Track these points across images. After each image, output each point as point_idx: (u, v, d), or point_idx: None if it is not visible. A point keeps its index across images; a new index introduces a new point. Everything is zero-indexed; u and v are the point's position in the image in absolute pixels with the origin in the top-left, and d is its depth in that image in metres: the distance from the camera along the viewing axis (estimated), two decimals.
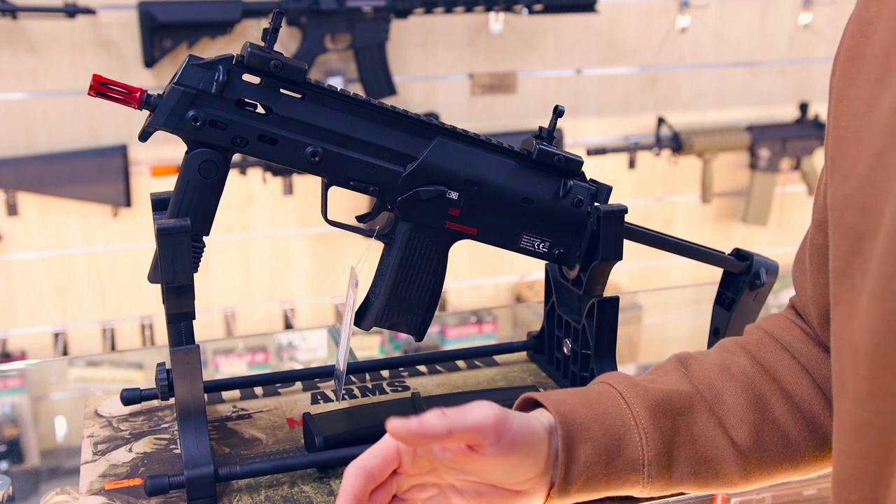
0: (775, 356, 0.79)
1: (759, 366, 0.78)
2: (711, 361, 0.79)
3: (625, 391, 0.74)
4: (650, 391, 0.74)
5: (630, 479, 0.72)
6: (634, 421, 0.72)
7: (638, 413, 0.72)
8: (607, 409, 0.72)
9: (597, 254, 0.92)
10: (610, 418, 0.72)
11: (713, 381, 0.77)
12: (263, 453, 0.90)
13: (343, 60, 2.34)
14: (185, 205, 0.82)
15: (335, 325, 1.47)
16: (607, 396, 0.74)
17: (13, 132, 2.21)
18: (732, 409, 0.75)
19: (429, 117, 0.88)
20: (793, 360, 0.79)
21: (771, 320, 0.85)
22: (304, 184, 2.40)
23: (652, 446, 0.72)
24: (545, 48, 2.53)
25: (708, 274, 1.12)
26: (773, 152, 2.67)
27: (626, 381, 0.75)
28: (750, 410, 0.75)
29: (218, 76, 0.80)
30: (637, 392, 0.74)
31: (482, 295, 2.71)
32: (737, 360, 0.79)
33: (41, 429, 1.48)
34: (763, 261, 1.04)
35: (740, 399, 0.75)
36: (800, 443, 0.76)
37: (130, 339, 2.44)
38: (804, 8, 2.67)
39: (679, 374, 0.78)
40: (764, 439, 0.75)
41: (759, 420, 0.75)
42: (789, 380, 0.77)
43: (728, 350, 0.81)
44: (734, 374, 0.77)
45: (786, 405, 0.76)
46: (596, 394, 0.74)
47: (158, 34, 2.13)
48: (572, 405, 0.71)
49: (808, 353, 0.79)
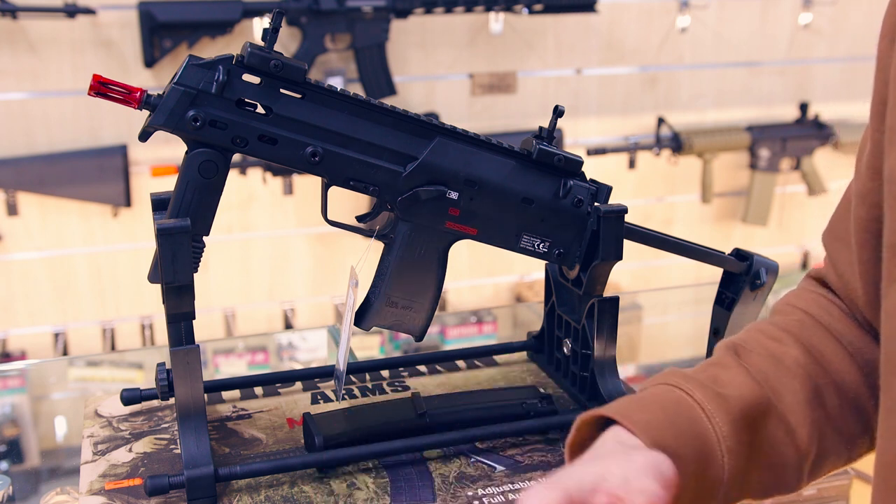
0: (823, 342, 0.75)
1: (811, 355, 0.74)
2: (764, 351, 0.75)
3: (703, 402, 0.69)
4: (731, 402, 0.69)
5: (705, 496, 0.68)
6: (717, 437, 0.67)
7: (721, 429, 0.68)
8: (692, 427, 0.68)
9: (597, 254, 0.92)
10: (696, 439, 0.67)
11: (769, 376, 0.72)
12: (263, 453, 0.90)
13: (343, 60, 2.34)
14: (185, 205, 0.82)
15: (335, 325, 1.47)
16: (686, 408, 0.69)
17: (13, 132, 2.21)
18: (793, 409, 0.71)
19: (429, 117, 0.88)
20: (838, 345, 0.75)
21: (803, 297, 0.80)
22: (304, 184, 2.40)
23: (733, 464, 0.68)
24: (545, 48, 2.53)
25: (708, 274, 1.12)
26: (773, 152, 2.67)
27: (702, 389, 0.70)
28: (809, 408, 0.71)
29: (218, 76, 0.80)
30: (716, 404, 0.69)
31: (482, 295, 2.71)
32: (787, 349, 0.74)
33: (41, 429, 1.48)
34: (763, 261, 1.03)
35: (800, 396, 0.71)
36: (853, 435, 0.73)
37: (130, 339, 2.44)
38: (804, 8, 2.67)
39: (742, 370, 0.73)
40: (822, 437, 0.72)
41: (821, 418, 0.71)
42: (839, 368, 0.73)
43: (771, 336, 0.76)
44: (789, 367, 0.73)
45: (838, 397, 0.73)
46: (674, 405, 0.69)
47: (158, 34, 2.13)
48: (660, 429, 0.67)
49: (850, 335, 0.75)
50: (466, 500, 0.84)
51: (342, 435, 0.88)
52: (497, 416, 0.93)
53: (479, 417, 0.93)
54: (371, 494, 0.84)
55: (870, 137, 0.68)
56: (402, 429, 0.90)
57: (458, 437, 0.90)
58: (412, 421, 0.91)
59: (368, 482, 0.86)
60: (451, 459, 0.90)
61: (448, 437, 0.90)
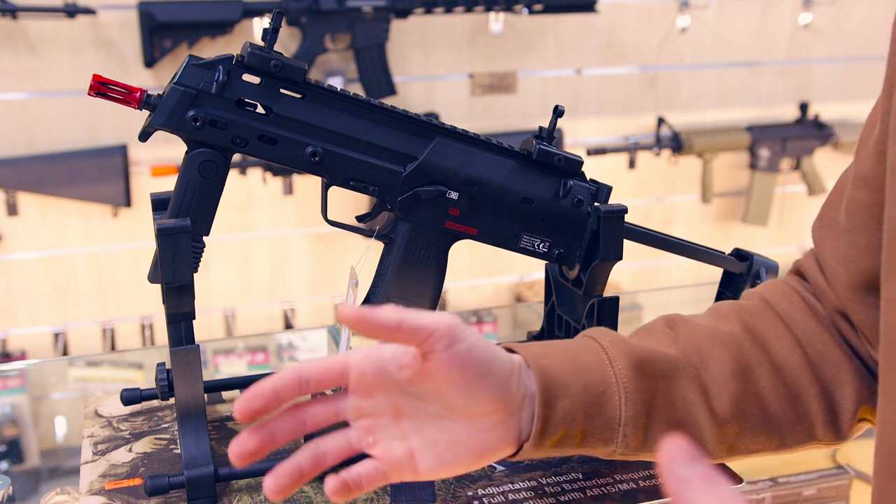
0: (769, 325, 0.76)
1: (750, 334, 0.75)
2: (702, 324, 0.76)
3: (608, 346, 0.71)
4: (634, 349, 0.71)
5: (604, 436, 0.69)
6: (615, 378, 0.69)
7: (620, 371, 0.69)
8: (588, 363, 0.69)
9: (597, 254, 0.92)
10: (591, 374, 0.68)
11: (700, 345, 0.73)
12: None
13: (343, 60, 2.34)
14: (185, 205, 0.82)
15: (335, 325, 1.47)
16: (590, 351, 0.70)
17: (13, 132, 2.21)
18: (717, 377, 0.72)
19: (429, 117, 0.88)
20: (787, 330, 0.75)
21: (771, 286, 0.81)
22: (304, 184, 2.40)
23: (631, 406, 0.69)
24: (545, 48, 2.53)
25: (708, 274, 1.12)
26: (773, 152, 2.67)
27: (610, 336, 0.72)
28: (734, 380, 0.72)
29: (218, 76, 0.80)
30: (621, 349, 0.70)
31: (482, 295, 2.71)
32: (728, 325, 0.76)
33: (41, 429, 1.47)
34: (763, 261, 1.03)
35: (725, 367, 0.72)
36: (780, 417, 0.73)
37: (130, 339, 2.44)
38: (804, 8, 2.67)
39: (666, 335, 0.74)
40: (744, 410, 0.72)
41: (742, 391, 0.72)
42: (779, 351, 0.74)
43: (721, 314, 0.78)
44: (724, 340, 0.74)
45: (772, 377, 0.73)
46: (578, 347, 0.71)
47: (158, 34, 2.13)
48: (552, 359, 0.68)
49: (804, 324, 0.76)
50: (466, 500, 0.84)
51: None
52: None
53: None
54: (371, 494, 0.84)
55: (879, 121, 0.68)
56: None
57: None
58: None
59: None
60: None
61: None
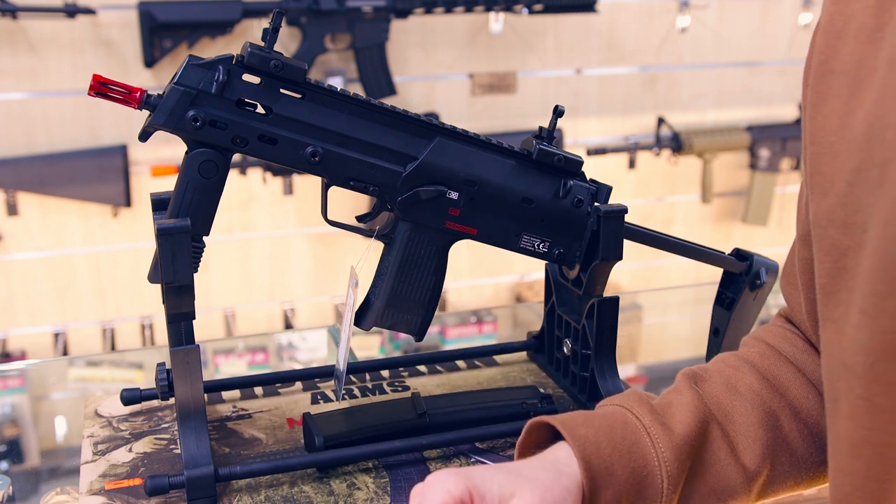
0: (780, 369, 0.78)
1: (766, 381, 0.77)
2: (719, 378, 0.77)
3: (650, 427, 0.72)
4: (676, 431, 0.71)
5: None
6: (658, 462, 0.70)
7: (663, 455, 0.70)
8: (632, 448, 0.70)
9: (597, 254, 0.92)
10: (634, 459, 0.70)
11: (722, 401, 0.75)
12: (263, 453, 0.90)
13: (343, 60, 2.34)
14: (185, 205, 0.82)
15: (335, 325, 1.47)
16: (631, 430, 0.72)
17: (13, 132, 2.21)
18: (744, 430, 0.73)
19: (429, 117, 0.88)
20: (799, 374, 0.77)
21: (769, 331, 0.83)
22: (304, 184, 2.40)
23: (670, 485, 0.70)
24: (545, 48, 2.53)
25: (708, 274, 1.12)
26: (773, 152, 2.67)
27: (651, 414, 0.73)
28: (762, 430, 0.74)
29: (218, 76, 0.80)
30: (664, 431, 0.71)
31: (482, 295, 2.71)
32: (742, 375, 0.77)
33: (41, 429, 1.47)
34: (763, 261, 1.04)
35: (751, 418, 0.74)
36: (807, 459, 0.75)
37: (130, 339, 2.44)
38: (804, 8, 2.67)
39: (694, 394, 0.76)
40: (775, 459, 0.74)
41: (772, 439, 0.74)
42: (796, 394, 0.76)
43: (730, 365, 0.80)
44: (742, 392, 0.76)
45: (794, 421, 0.75)
46: (620, 426, 0.72)
47: (158, 34, 2.13)
48: (596, 444, 0.69)
49: (812, 366, 0.77)
50: None
51: (342, 435, 0.88)
52: (497, 416, 0.93)
53: (479, 417, 0.93)
54: (371, 494, 0.84)
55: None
56: (402, 429, 0.90)
57: (457, 437, 0.90)
58: (412, 421, 0.91)
59: (368, 482, 0.86)
60: (451, 459, 0.90)
61: (448, 437, 0.90)
